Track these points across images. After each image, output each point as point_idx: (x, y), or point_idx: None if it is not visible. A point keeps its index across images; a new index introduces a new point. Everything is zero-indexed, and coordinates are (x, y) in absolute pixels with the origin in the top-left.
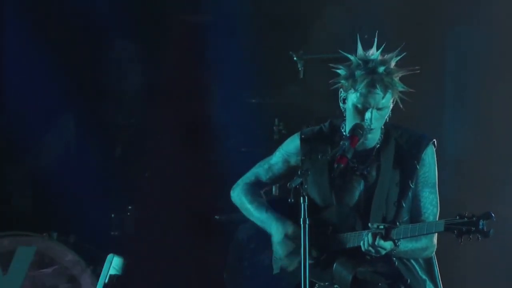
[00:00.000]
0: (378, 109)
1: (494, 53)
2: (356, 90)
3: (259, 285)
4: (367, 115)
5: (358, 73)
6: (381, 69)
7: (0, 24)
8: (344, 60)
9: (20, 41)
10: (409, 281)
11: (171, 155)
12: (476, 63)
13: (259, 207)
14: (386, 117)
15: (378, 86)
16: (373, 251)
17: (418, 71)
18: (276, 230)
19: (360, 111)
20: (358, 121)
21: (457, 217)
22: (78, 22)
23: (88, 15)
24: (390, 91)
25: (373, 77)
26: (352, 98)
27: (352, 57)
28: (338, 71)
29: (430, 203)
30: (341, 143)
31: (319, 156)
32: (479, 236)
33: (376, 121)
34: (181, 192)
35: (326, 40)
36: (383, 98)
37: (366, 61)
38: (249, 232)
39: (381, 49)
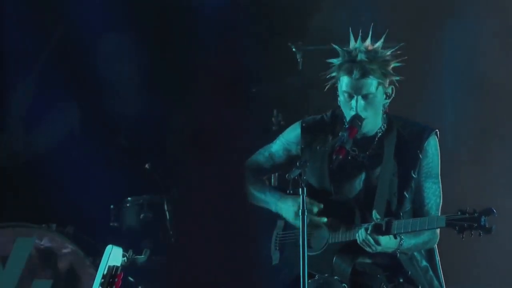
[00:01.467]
0: (363, 96)
1: (494, 46)
2: (339, 79)
3: (259, 276)
4: (353, 103)
5: (340, 62)
6: (361, 56)
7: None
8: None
9: (18, 34)
10: (410, 272)
11: (173, 146)
12: (474, 56)
13: (261, 188)
14: (380, 108)
15: (355, 71)
16: (367, 247)
17: (406, 57)
18: (286, 207)
19: (347, 100)
20: (348, 111)
21: (459, 213)
22: (76, 14)
23: (85, 5)
24: (372, 77)
25: (352, 64)
26: (339, 88)
27: (338, 48)
28: (333, 63)
29: (433, 194)
30: (339, 134)
31: (318, 147)
32: (481, 232)
33: (364, 110)
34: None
35: (325, 31)
36: (364, 84)
37: (349, 51)
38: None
39: (360, 37)
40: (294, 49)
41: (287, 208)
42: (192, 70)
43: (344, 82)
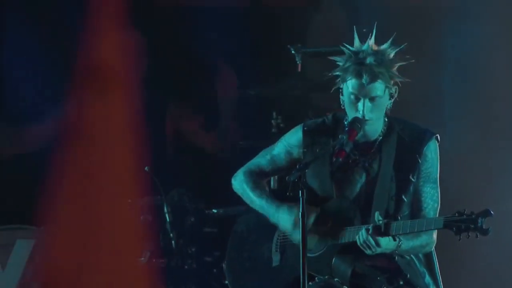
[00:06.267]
0: (370, 99)
1: (496, 47)
2: (346, 81)
3: (258, 277)
4: (359, 105)
5: (348, 64)
6: (370, 59)
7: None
8: (342, 53)
9: (17, 34)
10: (408, 275)
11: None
12: (476, 57)
13: (261, 194)
14: (384, 109)
15: (365, 75)
16: (367, 249)
17: (413, 60)
18: (283, 218)
19: (353, 102)
20: (353, 112)
21: (456, 214)
22: (71, 15)
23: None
24: (380, 80)
25: (361, 67)
26: (345, 89)
27: (345, 50)
28: (337, 62)
29: (431, 198)
30: (339, 136)
31: (317, 150)
32: (478, 234)
33: (370, 112)
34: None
35: (325, 33)
36: (372, 87)
37: (357, 52)
38: (249, 224)
39: (367, 39)
40: (293, 51)
41: (284, 221)
42: (188, 72)
43: (351, 85)
